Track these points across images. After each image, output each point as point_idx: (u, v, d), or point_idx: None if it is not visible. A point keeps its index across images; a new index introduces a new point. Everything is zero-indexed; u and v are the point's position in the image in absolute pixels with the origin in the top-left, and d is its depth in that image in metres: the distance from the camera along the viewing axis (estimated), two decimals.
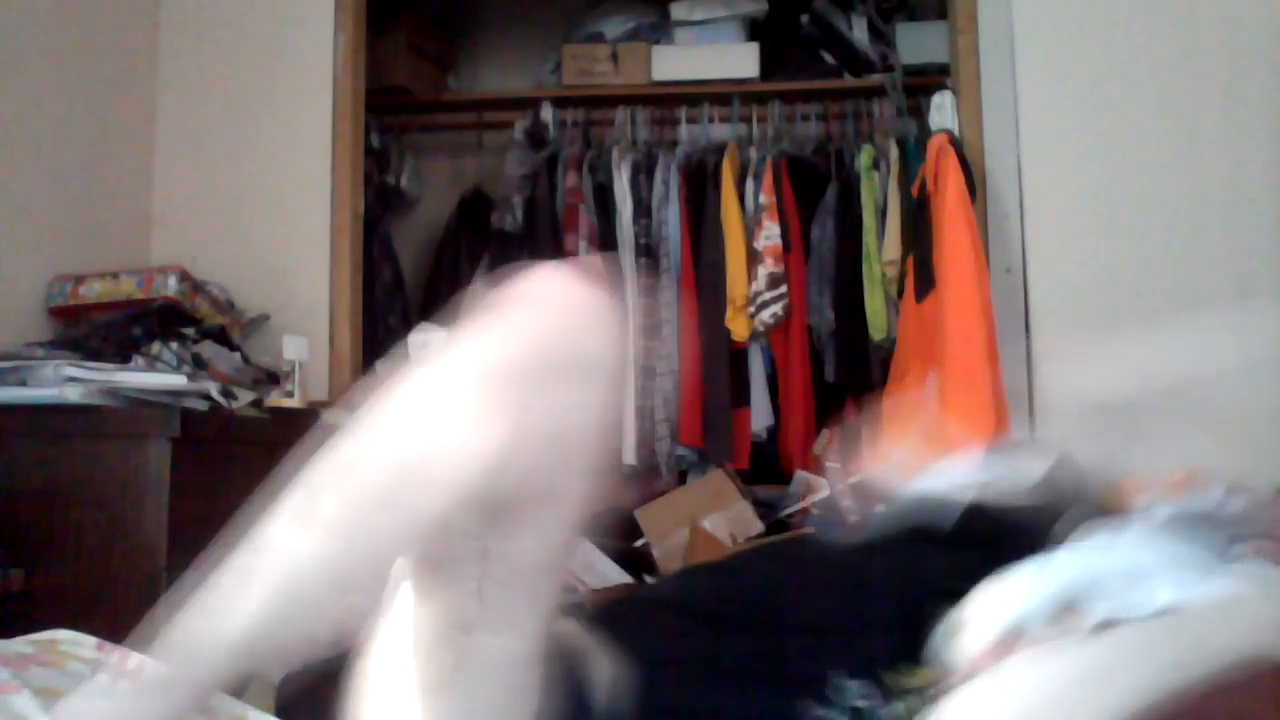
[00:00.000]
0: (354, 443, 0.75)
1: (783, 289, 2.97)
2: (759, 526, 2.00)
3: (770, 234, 2.99)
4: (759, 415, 3.03)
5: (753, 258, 3.00)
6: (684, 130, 3.30)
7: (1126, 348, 1.02)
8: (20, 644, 1.08)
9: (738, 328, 2.98)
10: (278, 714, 1.17)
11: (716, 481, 2.51)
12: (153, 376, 1.77)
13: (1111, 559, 0.91)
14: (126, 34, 2.45)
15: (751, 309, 2.97)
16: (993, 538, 0.96)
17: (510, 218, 3.15)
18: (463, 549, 0.79)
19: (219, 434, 1.84)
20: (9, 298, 2.06)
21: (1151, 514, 0.94)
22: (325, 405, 2.31)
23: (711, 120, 3.32)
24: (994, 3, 2.52)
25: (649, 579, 2.13)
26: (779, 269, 2.97)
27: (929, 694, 0.86)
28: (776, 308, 2.96)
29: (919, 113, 2.99)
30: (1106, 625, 0.84)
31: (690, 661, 0.93)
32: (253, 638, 0.72)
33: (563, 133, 3.32)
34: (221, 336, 2.17)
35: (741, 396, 3.03)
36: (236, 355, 2.16)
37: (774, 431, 3.06)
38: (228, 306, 2.32)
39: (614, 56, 3.30)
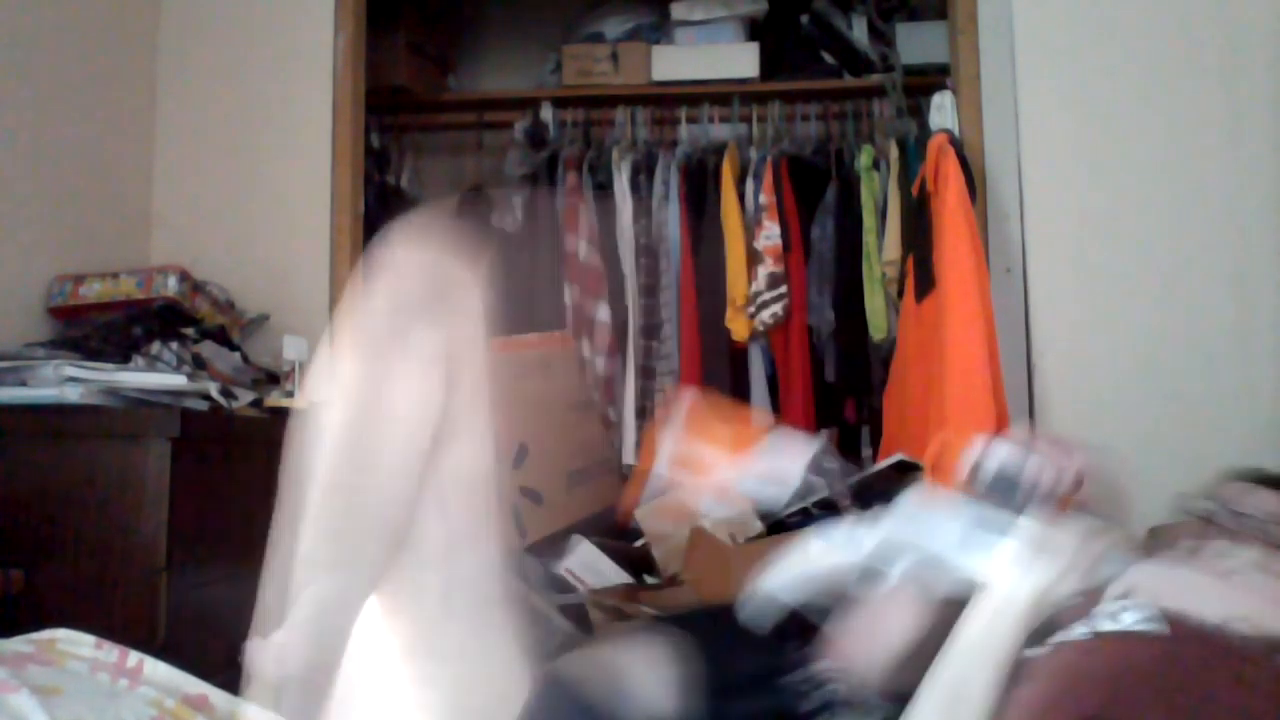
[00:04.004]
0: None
1: (783, 289, 2.97)
2: (759, 527, 2.00)
3: (770, 234, 2.99)
4: (759, 415, 3.03)
5: (753, 258, 3.00)
6: (684, 130, 3.30)
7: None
8: (19, 643, 1.08)
9: (738, 328, 2.98)
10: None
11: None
12: (153, 376, 1.77)
13: (919, 527, 1.09)
14: (126, 34, 2.45)
15: (751, 309, 2.97)
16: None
17: (510, 218, 3.15)
18: None
19: (219, 434, 1.84)
20: (9, 298, 2.06)
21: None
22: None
23: (711, 120, 3.32)
24: (994, 3, 2.52)
25: (649, 579, 2.13)
26: (779, 269, 2.97)
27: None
28: (776, 308, 2.95)
29: (919, 113, 2.99)
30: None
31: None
32: None
33: (563, 133, 3.32)
34: (221, 336, 2.17)
35: (741, 396, 3.03)
36: (236, 355, 2.16)
37: None
38: (228, 306, 2.32)
39: (614, 56, 3.30)
